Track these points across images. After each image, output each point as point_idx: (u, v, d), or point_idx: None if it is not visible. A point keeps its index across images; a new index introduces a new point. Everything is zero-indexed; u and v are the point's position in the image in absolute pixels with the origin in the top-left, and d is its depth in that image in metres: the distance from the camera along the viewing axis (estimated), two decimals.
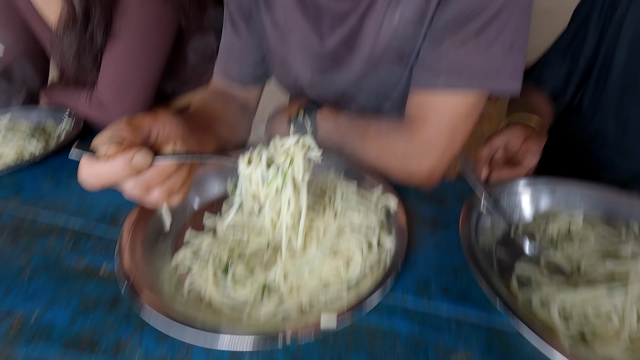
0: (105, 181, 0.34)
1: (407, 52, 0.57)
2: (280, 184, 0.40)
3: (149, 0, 0.75)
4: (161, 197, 0.38)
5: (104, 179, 0.34)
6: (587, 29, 0.66)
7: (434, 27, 0.53)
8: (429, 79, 0.53)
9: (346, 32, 0.60)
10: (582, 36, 0.67)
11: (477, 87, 0.50)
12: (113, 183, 0.35)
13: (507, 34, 0.48)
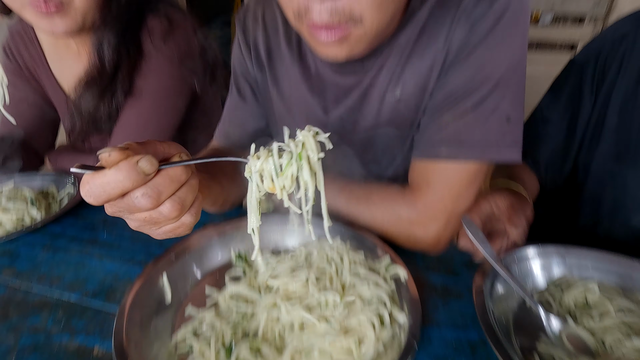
0: (111, 191, 0.31)
1: (408, 123, 0.60)
2: (296, 169, 0.38)
3: (168, 64, 0.79)
4: (174, 209, 0.34)
5: (109, 188, 0.30)
6: (580, 99, 0.67)
7: (434, 100, 0.55)
8: (430, 149, 0.54)
9: (350, 105, 0.62)
10: (576, 107, 0.68)
11: (477, 157, 0.52)
12: (120, 192, 0.31)
13: (503, 107, 0.51)
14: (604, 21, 1.69)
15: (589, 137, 0.68)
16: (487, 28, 0.49)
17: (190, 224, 0.38)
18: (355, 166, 0.69)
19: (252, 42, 0.67)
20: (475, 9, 0.50)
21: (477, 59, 0.50)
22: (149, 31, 0.76)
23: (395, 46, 0.56)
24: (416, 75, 0.56)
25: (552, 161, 0.72)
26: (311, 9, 0.43)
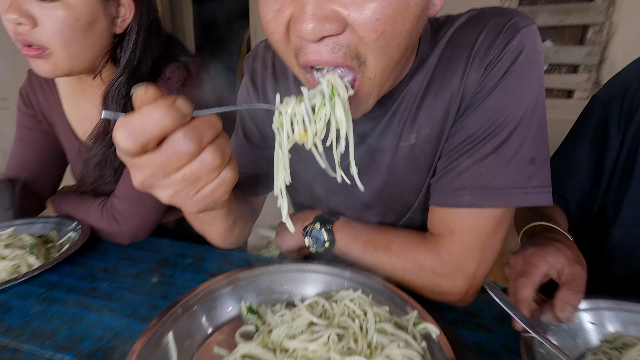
0: (150, 130, 0.28)
1: (424, 169, 0.57)
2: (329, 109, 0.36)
3: None
4: (216, 155, 0.31)
5: (149, 126, 0.28)
6: (606, 137, 0.65)
7: (451, 144, 0.53)
8: (452, 196, 0.52)
9: (363, 151, 0.60)
10: (603, 146, 0.66)
11: (503, 203, 0.49)
12: (159, 131, 0.28)
13: (525, 149, 0.49)
14: (597, 70, 1.76)
15: (618, 178, 0.65)
16: (502, 70, 0.48)
17: (230, 181, 0.35)
18: (370, 214, 0.66)
19: (260, 86, 0.67)
20: (489, 52, 0.48)
21: (495, 102, 0.49)
22: (166, 79, 0.76)
23: (408, 92, 0.54)
24: (431, 120, 0.54)
25: (581, 202, 0.70)
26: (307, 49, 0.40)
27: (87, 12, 0.65)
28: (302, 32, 0.36)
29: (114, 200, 0.75)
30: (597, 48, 1.72)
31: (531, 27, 0.48)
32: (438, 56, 0.52)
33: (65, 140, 0.89)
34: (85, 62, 0.71)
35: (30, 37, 0.64)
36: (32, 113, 0.90)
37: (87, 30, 0.67)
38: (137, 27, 0.73)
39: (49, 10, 0.62)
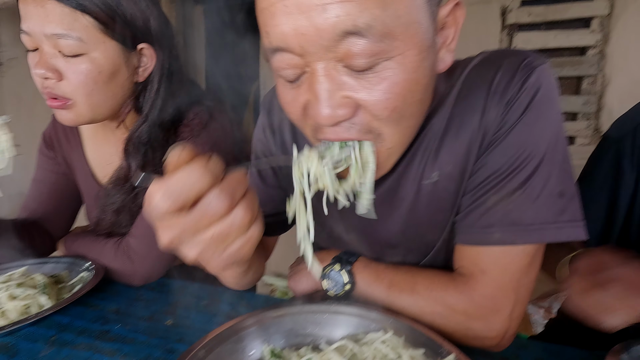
0: (185, 195, 0.30)
1: (448, 207, 0.56)
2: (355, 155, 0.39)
3: None
4: (247, 212, 0.33)
5: (186, 192, 0.30)
6: (620, 175, 0.65)
7: (475, 181, 0.53)
8: (480, 234, 0.51)
9: (385, 190, 0.59)
10: (616, 185, 0.66)
11: (535, 240, 0.48)
12: (196, 193, 0.30)
13: (553, 183, 0.48)
14: (595, 118, 1.82)
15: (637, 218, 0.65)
16: (523, 106, 0.49)
17: (257, 238, 0.35)
18: (391, 254, 0.64)
19: (277, 127, 0.68)
20: (508, 90, 0.49)
21: (518, 137, 0.49)
22: (189, 121, 0.78)
23: (428, 132, 0.55)
24: (453, 157, 0.54)
25: (596, 242, 0.68)
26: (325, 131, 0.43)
27: (110, 64, 0.68)
28: (318, 118, 0.40)
29: (130, 239, 0.74)
30: (593, 97, 1.80)
31: (545, 66, 0.50)
32: (455, 95, 0.53)
33: (84, 184, 0.90)
34: (107, 110, 0.73)
35: (56, 90, 0.67)
36: (52, 156, 0.92)
37: (109, 82, 0.69)
38: (159, 75, 0.74)
39: (73, 65, 0.65)
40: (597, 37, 1.76)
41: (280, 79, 0.44)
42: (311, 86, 0.40)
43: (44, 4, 0.62)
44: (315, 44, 0.37)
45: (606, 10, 1.73)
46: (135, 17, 0.69)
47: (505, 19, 1.87)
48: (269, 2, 0.38)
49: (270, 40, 0.39)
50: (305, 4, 0.35)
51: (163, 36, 0.74)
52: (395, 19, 0.36)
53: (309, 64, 0.39)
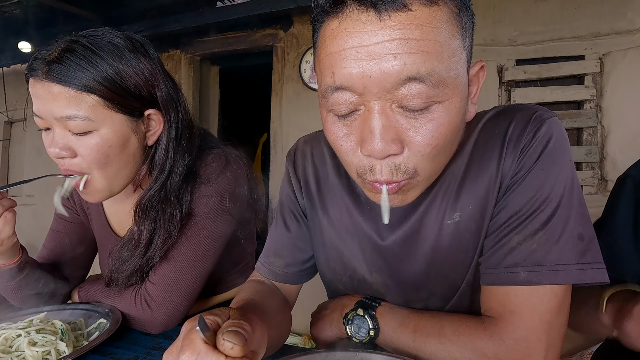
0: None
1: (471, 247, 0.57)
2: None
3: (212, 218, 0.78)
4: None
5: None
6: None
7: (497, 223, 0.54)
8: (506, 276, 0.51)
9: (407, 231, 0.60)
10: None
11: (561, 280, 0.48)
12: None
13: (572, 226, 0.50)
14: (599, 167, 1.86)
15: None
16: (537, 153, 0.52)
17: None
18: (415, 297, 0.64)
19: (301, 175, 0.71)
20: (522, 139, 0.53)
21: (535, 180, 0.52)
22: (207, 164, 0.81)
23: (448, 174, 0.58)
24: (473, 199, 0.56)
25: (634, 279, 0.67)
26: (373, 168, 0.47)
27: (119, 136, 0.69)
28: (373, 151, 0.44)
29: (149, 285, 0.74)
30: (595, 148, 1.86)
31: (554, 119, 0.54)
32: (473, 143, 0.57)
33: (100, 234, 0.91)
34: (124, 179, 0.74)
35: (72, 167, 0.69)
36: (71, 206, 0.94)
37: (120, 152, 0.70)
38: (167, 136, 0.75)
39: (84, 142, 0.67)
40: (591, 92, 1.86)
41: (330, 116, 0.48)
42: (366, 122, 0.44)
43: (50, 89, 0.64)
44: (378, 86, 0.42)
45: (597, 68, 1.85)
46: (139, 86, 0.70)
47: (502, 77, 2.00)
48: (340, 47, 0.42)
49: (335, 79, 0.44)
50: (376, 52, 0.40)
51: (169, 99, 0.75)
52: (447, 70, 0.42)
53: (366, 102, 0.44)
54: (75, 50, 0.65)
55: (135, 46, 0.71)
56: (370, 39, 0.41)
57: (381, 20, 0.40)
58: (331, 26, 0.44)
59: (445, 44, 0.42)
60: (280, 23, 2.49)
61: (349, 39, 0.42)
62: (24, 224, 4.09)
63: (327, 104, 0.46)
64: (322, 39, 0.46)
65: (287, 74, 2.50)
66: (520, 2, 1.98)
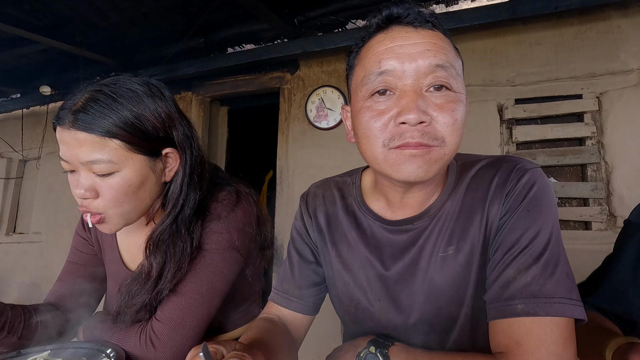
0: None
1: (462, 280, 0.62)
2: None
3: (221, 253, 0.79)
4: None
5: None
6: None
7: (495, 260, 0.58)
8: (505, 308, 0.54)
9: (407, 262, 0.66)
10: None
11: (557, 313, 0.51)
12: None
13: (562, 263, 0.54)
14: (607, 203, 1.85)
15: None
16: (521, 197, 0.58)
17: None
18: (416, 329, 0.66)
19: (312, 213, 0.78)
20: (505, 186, 0.60)
21: (522, 220, 0.57)
22: (219, 201, 0.82)
23: (444, 212, 0.64)
24: (464, 235, 0.62)
25: None
26: (405, 133, 0.54)
27: (138, 176, 0.73)
28: (408, 119, 0.54)
29: (154, 323, 0.73)
30: (601, 184, 1.86)
31: (537, 169, 0.61)
32: (466, 187, 0.64)
33: (111, 267, 0.92)
34: (139, 214, 0.78)
35: (92, 207, 0.72)
36: (86, 237, 0.96)
37: (138, 191, 0.74)
38: (182, 172, 0.78)
39: (106, 182, 0.70)
40: (591, 129, 1.90)
41: (367, 104, 0.58)
42: (402, 99, 0.55)
43: (76, 136, 0.68)
44: (414, 72, 0.55)
45: (595, 107, 1.90)
46: (157, 128, 0.74)
47: (503, 115, 2.06)
48: (386, 46, 0.57)
49: (380, 66, 0.56)
50: (414, 49, 0.55)
51: (184, 137, 0.79)
52: (457, 73, 0.57)
53: (402, 85, 0.56)
54: (99, 99, 0.70)
55: (152, 90, 0.76)
56: (409, 41, 0.56)
57: (417, 32, 0.57)
58: (378, 37, 0.59)
59: (454, 60, 0.58)
60: (287, 66, 2.62)
61: (394, 41, 0.57)
62: (29, 262, 4.10)
63: (369, 88, 0.57)
64: (369, 46, 0.60)
65: (293, 113, 2.60)
66: (515, 46, 2.08)
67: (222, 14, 2.29)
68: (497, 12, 1.94)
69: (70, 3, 2.15)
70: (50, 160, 3.51)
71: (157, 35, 2.59)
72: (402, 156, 0.55)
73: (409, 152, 0.54)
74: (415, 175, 0.55)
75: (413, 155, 0.54)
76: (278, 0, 2.13)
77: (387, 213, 0.69)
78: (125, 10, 2.24)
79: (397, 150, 0.55)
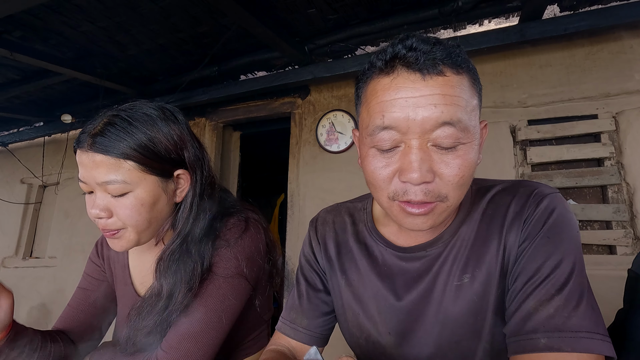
0: None
1: (480, 310, 0.58)
2: None
3: (229, 279, 0.78)
4: None
5: None
6: None
7: (514, 291, 0.55)
8: (527, 342, 0.51)
9: (421, 292, 0.63)
10: None
11: (583, 349, 0.47)
12: None
13: (587, 294, 0.51)
14: (631, 226, 1.77)
15: None
16: (541, 223, 0.55)
17: None
18: None
19: (321, 240, 0.76)
20: (523, 212, 0.58)
21: (543, 247, 0.54)
22: (228, 229, 0.82)
23: (459, 238, 0.62)
24: (481, 263, 0.59)
25: None
26: (408, 191, 0.53)
27: (151, 196, 0.75)
28: (411, 178, 0.51)
29: (159, 352, 0.71)
30: (623, 206, 1.79)
31: (557, 194, 0.58)
32: (481, 212, 0.62)
33: (121, 292, 0.91)
34: (152, 233, 0.79)
35: (108, 226, 0.74)
36: (99, 263, 0.96)
37: (151, 210, 0.76)
38: (192, 194, 0.80)
39: (120, 202, 0.73)
40: (609, 149, 1.85)
41: (373, 151, 0.56)
42: (406, 156, 0.52)
43: (94, 158, 0.71)
44: (419, 128, 0.51)
45: (612, 126, 1.86)
46: (169, 150, 0.77)
47: (516, 136, 2.03)
48: (391, 97, 0.52)
49: (384, 121, 0.53)
50: (420, 102, 0.51)
51: (196, 159, 0.81)
52: (469, 120, 0.53)
53: (407, 140, 0.52)
54: (115, 123, 0.73)
55: (166, 114, 0.79)
56: (415, 92, 0.51)
57: (425, 81, 0.51)
58: (383, 82, 0.54)
59: (468, 101, 0.53)
60: (298, 92, 2.68)
61: (399, 92, 0.52)
62: (41, 286, 4.13)
63: (373, 141, 0.55)
64: (372, 90, 0.55)
65: (304, 137, 2.62)
66: (525, 68, 2.08)
67: (235, 43, 2.38)
68: (506, 35, 1.96)
69: (92, 37, 2.27)
70: (68, 185, 3.60)
71: (173, 65, 2.69)
72: (406, 211, 0.55)
73: (411, 210, 0.54)
74: (419, 228, 0.55)
75: (417, 213, 0.54)
76: (289, 29, 2.21)
77: (399, 239, 0.67)
78: (143, 42, 2.35)
79: (401, 204, 0.55)
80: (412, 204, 0.53)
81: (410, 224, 0.55)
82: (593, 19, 1.80)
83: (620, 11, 1.77)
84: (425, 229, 0.55)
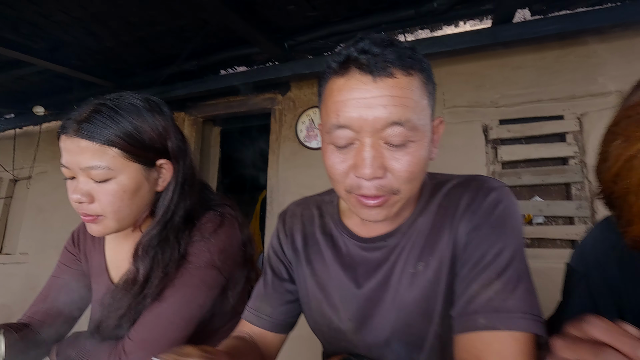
0: None
1: (431, 296, 0.63)
2: None
3: (202, 270, 0.80)
4: None
5: None
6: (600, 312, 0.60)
7: (461, 276, 0.59)
8: (468, 323, 0.55)
9: (379, 279, 0.67)
10: None
11: (517, 327, 0.51)
12: None
13: (525, 279, 0.55)
14: (592, 222, 1.87)
15: None
16: (487, 213, 0.60)
17: None
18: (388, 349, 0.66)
19: (289, 232, 0.79)
20: (472, 204, 0.62)
21: (487, 237, 0.59)
22: (202, 224, 0.84)
23: (416, 229, 0.66)
24: (433, 251, 0.64)
25: None
26: (362, 186, 0.56)
27: (133, 183, 0.76)
28: (364, 174, 0.55)
29: (126, 342, 0.73)
30: (585, 202, 1.88)
31: (504, 188, 0.63)
32: (437, 205, 0.66)
33: (96, 280, 0.92)
34: (132, 220, 0.81)
35: (89, 211, 0.75)
36: (75, 252, 0.96)
37: (133, 197, 0.77)
38: (174, 183, 0.82)
39: (103, 188, 0.74)
40: (574, 149, 1.94)
41: (331, 147, 0.59)
42: (359, 153, 0.56)
43: (79, 144, 0.72)
44: (371, 127, 0.54)
45: (577, 127, 1.95)
46: (153, 140, 0.79)
47: (488, 135, 2.10)
48: (344, 98, 0.55)
49: (339, 120, 0.56)
50: (372, 103, 0.54)
51: (179, 150, 0.84)
52: (418, 120, 0.56)
53: (360, 138, 0.55)
54: (102, 110, 0.74)
55: (151, 106, 0.81)
56: (367, 94, 0.54)
57: (375, 82, 0.54)
58: (338, 82, 0.57)
59: (417, 101, 0.56)
60: (278, 88, 2.68)
61: (352, 92, 0.55)
62: (14, 284, 4.01)
63: (331, 138, 0.58)
64: (329, 90, 0.58)
65: (284, 134, 2.64)
66: (499, 69, 2.15)
67: (215, 38, 2.36)
68: (479, 37, 2.02)
69: (67, 28, 2.21)
70: (41, 180, 3.49)
71: (151, 59, 2.65)
72: (361, 204, 0.58)
73: (366, 202, 0.57)
74: (375, 219, 0.59)
75: (371, 205, 0.57)
76: (269, 25, 2.21)
77: (362, 231, 0.70)
78: (121, 35, 2.31)
79: (357, 197, 0.58)
80: (367, 197, 0.57)
81: (366, 214, 0.59)
82: (561, 23, 1.88)
83: (586, 17, 1.86)
84: (380, 220, 0.59)
